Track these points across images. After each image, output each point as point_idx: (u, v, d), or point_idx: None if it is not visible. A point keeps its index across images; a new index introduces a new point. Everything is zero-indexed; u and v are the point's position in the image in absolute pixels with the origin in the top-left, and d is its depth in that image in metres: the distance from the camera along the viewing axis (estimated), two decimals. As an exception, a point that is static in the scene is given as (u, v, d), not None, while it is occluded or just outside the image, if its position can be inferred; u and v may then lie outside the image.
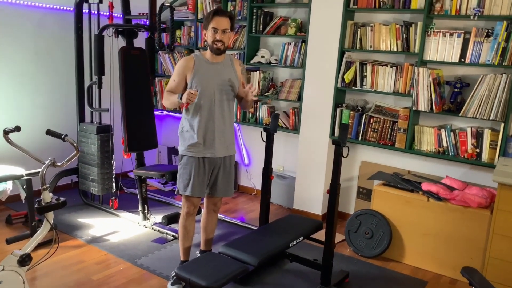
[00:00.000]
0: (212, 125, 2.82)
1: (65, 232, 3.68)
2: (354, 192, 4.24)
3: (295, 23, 4.25)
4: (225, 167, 2.94)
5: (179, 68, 2.81)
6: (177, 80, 2.81)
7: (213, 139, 2.83)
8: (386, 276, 3.27)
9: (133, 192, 4.58)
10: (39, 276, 3.00)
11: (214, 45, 2.74)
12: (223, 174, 2.93)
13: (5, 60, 4.04)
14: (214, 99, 2.80)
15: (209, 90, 2.79)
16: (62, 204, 2.36)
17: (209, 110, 2.80)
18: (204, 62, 2.81)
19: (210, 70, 2.80)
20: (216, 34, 2.72)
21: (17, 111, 4.20)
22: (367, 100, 4.08)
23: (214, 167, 2.90)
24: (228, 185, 2.97)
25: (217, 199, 3.04)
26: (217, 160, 2.88)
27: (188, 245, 3.02)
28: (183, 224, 2.97)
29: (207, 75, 2.78)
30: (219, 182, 2.93)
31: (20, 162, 3.69)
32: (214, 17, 2.72)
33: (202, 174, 2.84)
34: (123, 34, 3.95)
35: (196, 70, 2.77)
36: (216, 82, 2.80)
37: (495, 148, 3.38)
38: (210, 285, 2.14)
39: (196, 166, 2.82)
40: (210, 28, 2.73)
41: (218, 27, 2.71)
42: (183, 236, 3.00)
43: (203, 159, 2.84)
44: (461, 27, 3.51)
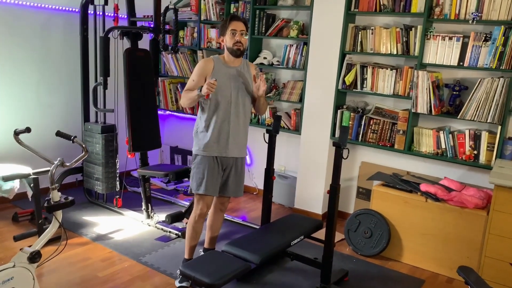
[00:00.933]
0: (227, 126, 2.92)
1: (71, 229, 3.76)
2: (354, 192, 4.31)
3: (297, 25, 4.32)
4: (237, 168, 3.03)
5: (199, 69, 2.90)
6: (196, 80, 2.89)
7: (227, 139, 2.92)
8: (384, 275, 3.35)
9: (137, 191, 4.66)
10: (46, 273, 3.08)
11: (235, 46, 2.86)
12: (235, 174, 3.02)
13: (12, 60, 4.11)
14: (230, 101, 2.90)
15: (226, 92, 2.89)
16: (70, 203, 2.43)
17: (225, 111, 2.90)
18: (222, 65, 2.92)
19: (228, 74, 2.91)
20: (236, 36, 2.85)
21: (24, 111, 4.27)
22: (368, 102, 4.15)
23: (226, 167, 2.99)
24: (238, 186, 3.07)
25: (225, 198, 3.13)
26: (230, 160, 2.98)
27: (194, 244, 3.10)
28: (193, 226, 3.04)
29: (225, 77, 2.89)
30: (230, 182, 3.02)
31: (27, 161, 3.77)
32: (232, 21, 2.86)
33: (215, 174, 2.93)
34: (128, 35, 4.02)
35: (215, 72, 2.87)
36: (233, 85, 2.91)
37: (492, 150, 3.45)
38: (214, 282, 2.21)
39: (210, 165, 2.91)
40: (229, 31, 2.85)
41: (237, 29, 2.85)
42: (191, 237, 3.07)
43: (216, 159, 2.93)
44: (460, 31, 3.58)
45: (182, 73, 5.10)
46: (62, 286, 2.93)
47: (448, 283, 3.30)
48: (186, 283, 2.95)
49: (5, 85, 4.09)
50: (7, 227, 3.74)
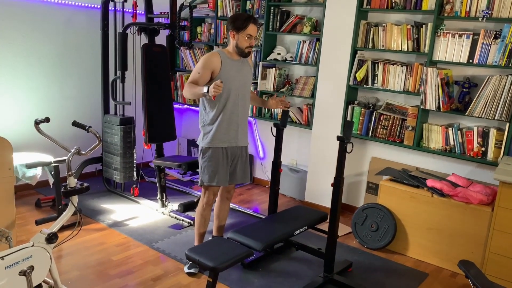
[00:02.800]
0: (236, 118, 3.05)
1: (89, 216, 3.96)
2: (364, 186, 4.38)
3: (310, 21, 4.40)
4: (243, 156, 3.18)
5: (206, 63, 2.93)
6: (202, 73, 2.93)
7: (237, 130, 3.07)
8: (388, 267, 3.42)
9: (153, 181, 4.83)
10: (64, 255, 3.27)
11: (247, 49, 2.98)
12: (241, 162, 3.18)
13: (36, 54, 4.33)
14: (238, 94, 3.03)
15: (235, 85, 3.00)
16: (85, 189, 2.60)
17: (234, 104, 3.02)
18: (228, 59, 3.00)
19: (234, 67, 3.01)
20: (251, 41, 2.96)
21: (47, 102, 4.49)
22: (378, 98, 4.20)
23: (234, 157, 3.13)
24: (246, 172, 3.23)
25: (231, 187, 3.27)
26: (237, 150, 3.12)
27: (203, 231, 3.25)
28: (202, 214, 3.19)
29: (232, 72, 2.99)
30: (238, 170, 3.17)
31: (49, 150, 3.99)
32: (250, 25, 2.93)
33: (225, 164, 3.08)
34: (146, 31, 4.17)
35: (223, 67, 2.95)
36: (240, 78, 3.03)
37: (500, 147, 3.46)
38: (216, 266, 2.34)
39: (221, 157, 3.05)
40: (246, 34, 2.93)
41: (253, 35, 2.95)
42: (200, 224, 3.22)
43: (226, 150, 3.06)
44: (470, 29, 3.60)
45: (199, 68, 5.24)
46: (78, 267, 3.11)
47: (452, 277, 3.35)
48: (194, 270, 3.09)
49: (29, 78, 4.32)
50: (30, 212, 3.96)
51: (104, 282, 2.96)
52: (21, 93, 4.28)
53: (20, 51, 4.20)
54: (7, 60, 4.12)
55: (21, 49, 4.21)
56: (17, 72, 4.21)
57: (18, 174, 3.61)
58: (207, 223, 3.24)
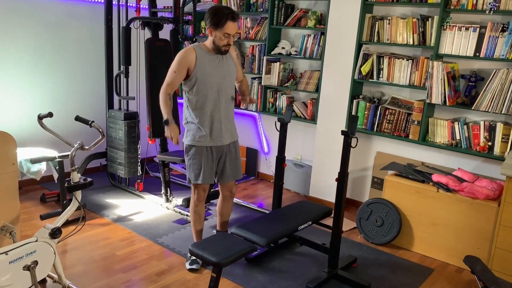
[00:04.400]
0: (218, 115, 2.93)
1: (94, 211, 3.97)
2: (369, 181, 4.35)
3: (315, 15, 4.36)
4: (231, 153, 3.07)
5: (180, 60, 2.82)
6: (178, 72, 2.83)
7: (220, 128, 2.95)
8: (393, 263, 3.40)
9: (158, 176, 4.83)
10: (69, 249, 3.28)
11: (223, 47, 2.83)
12: (230, 159, 3.07)
13: (40, 49, 4.33)
14: (219, 90, 2.89)
15: (213, 81, 2.87)
16: (89, 184, 2.60)
17: (214, 100, 2.90)
18: (205, 53, 2.86)
19: (212, 62, 2.87)
20: (229, 40, 2.80)
21: (51, 97, 4.50)
22: (384, 92, 4.17)
23: (221, 155, 3.04)
24: (236, 169, 3.12)
25: (231, 184, 3.20)
26: (224, 148, 3.03)
27: (200, 228, 3.21)
28: (195, 210, 3.15)
29: (210, 67, 2.85)
30: (227, 169, 3.08)
31: (54, 145, 4.00)
32: (228, 22, 2.74)
33: (210, 162, 2.99)
34: (149, 26, 4.16)
35: (199, 62, 2.82)
36: (219, 73, 2.89)
37: (507, 141, 3.42)
38: (220, 261, 2.33)
39: (205, 155, 2.96)
40: (223, 32, 2.76)
41: (231, 33, 2.78)
42: (195, 221, 3.18)
43: (211, 148, 2.97)
44: (477, 22, 3.55)
45: (203, 63, 5.21)
46: (83, 262, 3.12)
47: (457, 272, 3.33)
48: (196, 266, 3.09)
49: (33, 73, 4.32)
50: (35, 207, 3.98)
51: (108, 276, 2.96)
52: (24, 88, 4.28)
53: (23, 46, 4.20)
54: (10, 55, 4.12)
55: (25, 44, 4.21)
56: (20, 67, 4.22)
57: (22, 169, 3.63)
58: (202, 219, 3.19)
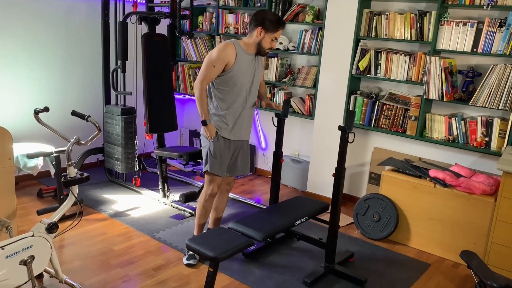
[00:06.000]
0: (244, 113, 3.04)
1: (91, 206, 3.96)
2: (366, 177, 4.36)
3: (312, 10, 4.35)
4: (244, 149, 3.17)
5: (221, 54, 2.83)
6: (217, 66, 2.84)
7: (241, 125, 3.06)
8: (390, 258, 3.41)
9: (155, 172, 4.83)
10: (66, 244, 3.28)
11: (267, 51, 2.99)
12: (242, 155, 3.17)
13: (37, 44, 4.30)
14: (249, 88, 3.01)
15: (246, 79, 2.97)
16: (85, 179, 2.59)
17: (244, 98, 3.00)
18: (243, 51, 2.93)
19: (247, 61, 2.96)
20: (273, 43, 2.96)
21: (48, 92, 4.48)
22: (381, 88, 4.16)
23: (235, 149, 3.12)
24: (246, 165, 3.22)
25: (231, 179, 3.27)
26: (239, 143, 3.11)
27: (203, 222, 3.25)
28: (204, 205, 3.17)
29: (245, 65, 2.94)
30: (238, 162, 3.16)
31: (50, 140, 3.99)
32: (280, 29, 2.92)
33: (227, 155, 3.07)
34: (146, 20, 4.14)
35: (238, 60, 2.90)
36: (251, 72, 2.99)
37: (504, 137, 3.43)
38: (217, 256, 2.33)
39: (224, 146, 3.04)
40: (273, 36, 2.91)
41: (278, 37, 2.97)
42: (201, 215, 3.21)
43: (230, 142, 3.05)
44: (475, 17, 3.55)
45: (200, 58, 5.20)
46: (80, 257, 3.12)
47: (454, 267, 3.34)
48: (193, 261, 3.09)
49: (30, 68, 4.30)
50: (32, 202, 3.97)
51: (105, 271, 2.96)
52: (21, 83, 4.26)
53: (20, 41, 4.18)
54: (7, 50, 4.10)
55: (22, 39, 4.18)
56: (17, 62, 4.20)
57: (19, 164, 3.61)
58: (208, 214, 3.24)
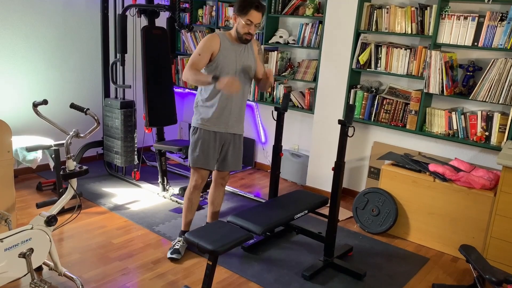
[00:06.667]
0: (230, 103, 2.96)
1: (90, 199, 3.96)
2: (366, 171, 4.35)
3: (313, 4, 4.32)
4: (235, 144, 3.11)
5: (206, 44, 2.85)
6: (203, 55, 2.84)
7: (228, 117, 2.99)
8: (389, 252, 3.41)
9: (155, 165, 4.82)
10: (65, 237, 3.28)
11: (245, 36, 2.87)
12: (233, 150, 3.10)
13: (36, 36, 4.28)
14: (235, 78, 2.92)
15: (231, 70, 2.91)
16: (84, 171, 2.59)
17: None
18: (228, 42, 2.91)
19: (233, 51, 2.91)
20: (250, 28, 2.83)
21: (47, 86, 4.46)
22: (381, 82, 4.15)
23: (224, 143, 3.06)
24: (237, 160, 3.16)
25: (225, 173, 3.21)
26: (228, 136, 3.05)
27: (190, 218, 3.20)
28: (189, 197, 3.13)
29: (231, 56, 2.90)
30: (229, 157, 3.10)
31: (50, 133, 3.98)
32: (252, 11, 2.79)
33: (212, 148, 3.01)
34: (146, 13, 4.12)
35: (222, 49, 2.87)
36: (238, 63, 2.93)
37: (504, 131, 3.42)
38: (216, 249, 2.33)
39: (210, 139, 2.99)
40: (245, 19, 2.81)
41: (253, 21, 2.82)
42: (187, 208, 3.16)
43: (215, 134, 2.99)
44: (476, 11, 3.53)
45: (200, 51, 5.18)
46: (79, 250, 3.12)
47: (453, 261, 3.34)
48: (176, 255, 3.07)
49: (28, 61, 4.28)
50: (31, 196, 3.97)
51: (104, 264, 2.97)
52: (20, 76, 4.25)
53: (19, 33, 4.15)
54: (5, 42, 4.08)
55: (20, 31, 4.16)
56: (16, 55, 4.18)
57: (18, 157, 3.61)
58: (194, 208, 3.18)
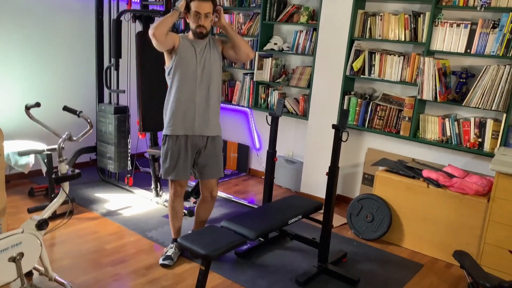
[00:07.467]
0: (193, 105, 2.83)
1: (83, 205, 3.92)
2: (360, 178, 4.35)
3: (307, 11, 4.35)
4: (208, 149, 2.95)
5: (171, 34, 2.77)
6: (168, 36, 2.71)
7: (193, 118, 2.85)
8: (383, 258, 3.40)
9: (148, 171, 4.79)
10: (57, 243, 3.24)
11: (198, 29, 2.75)
12: (206, 155, 2.95)
13: (30, 40, 4.27)
14: (196, 79, 2.81)
15: (191, 68, 2.80)
16: (77, 175, 2.56)
17: (191, 88, 2.82)
18: (186, 40, 2.82)
19: (193, 48, 2.80)
20: (199, 19, 2.71)
21: (40, 90, 4.44)
22: (375, 89, 4.17)
23: (198, 148, 2.93)
24: (215, 166, 2.99)
25: (210, 184, 3.06)
26: (199, 140, 2.91)
27: (178, 225, 3.14)
28: (171, 205, 3.07)
29: (189, 55, 2.79)
30: (205, 163, 2.96)
31: (42, 138, 3.95)
32: (195, 1, 2.68)
33: (184, 158, 2.88)
34: (140, 19, 4.12)
35: (181, 45, 2.78)
36: (199, 62, 2.81)
37: (496, 138, 3.44)
38: (208, 253, 2.31)
39: (178, 149, 2.87)
40: (193, 11, 2.70)
41: (200, 11, 2.69)
42: (172, 217, 3.11)
43: (186, 139, 2.87)
44: (469, 18, 3.56)
45: (195, 58, 5.18)
46: (71, 255, 3.08)
47: (447, 268, 3.33)
48: (168, 262, 3.04)
49: (22, 66, 4.26)
50: (23, 201, 3.93)
51: (96, 270, 2.93)
52: (13, 80, 4.22)
53: (12, 38, 4.14)
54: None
55: (14, 36, 4.15)
56: (9, 59, 4.16)
57: (10, 162, 3.58)
58: (180, 215, 3.12)
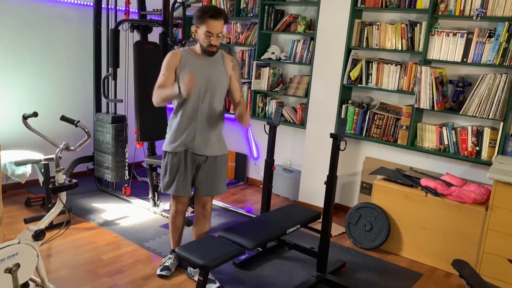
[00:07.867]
0: (194, 122, 2.74)
1: (80, 215, 3.90)
2: (358, 186, 4.35)
3: (304, 20, 4.37)
4: (209, 166, 2.84)
5: (167, 62, 2.71)
6: (167, 74, 2.69)
7: (194, 136, 2.76)
8: (382, 267, 3.38)
9: (145, 181, 4.78)
10: (53, 253, 3.22)
11: (208, 48, 2.66)
12: (205, 172, 2.84)
13: (28, 50, 4.27)
14: (199, 95, 2.71)
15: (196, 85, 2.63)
16: (74, 185, 2.55)
17: (194, 107, 2.72)
18: (191, 56, 2.72)
19: (197, 65, 2.70)
20: (211, 39, 2.62)
21: (38, 100, 4.43)
22: (373, 97, 4.18)
23: (198, 164, 2.84)
24: (211, 185, 2.87)
25: (206, 201, 2.95)
26: (199, 158, 2.82)
27: (178, 238, 3.12)
28: (172, 221, 3.05)
29: (193, 69, 2.65)
30: (202, 181, 2.86)
31: (39, 148, 3.94)
32: (209, 20, 2.58)
33: (183, 172, 2.81)
34: (138, 28, 4.13)
35: (183, 65, 2.68)
36: (203, 78, 2.69)
37: (494, 146, 3.45)
38: (206, 263, 2.30)
39: (177, 163, 2.80)
40: (205, 31, 2.60)
41: (213, 32, 2.60)
42: (172, 231, 3.09)
43: (185, 156, 2.80)
44: (465, 27, 3.59)
45: (192, 67, 5.20)
46: (67, 266, 3.05)
47: (446, 277, 3.32)
48: (166, 272, 3.02)
49: (20, 76, 4.26)
50: (19, 211, 3.90)
51: (93, 281, 2.91)
52: (11, 90, 4.22)
53: (11, 48, 4.14)
54: (-3, 57, 4.08)
55: (12, 46, 4.15)
56: (7, 69, 4.16)
57: (7, 171, 3.56)
58: (180, 229, 3.09)
